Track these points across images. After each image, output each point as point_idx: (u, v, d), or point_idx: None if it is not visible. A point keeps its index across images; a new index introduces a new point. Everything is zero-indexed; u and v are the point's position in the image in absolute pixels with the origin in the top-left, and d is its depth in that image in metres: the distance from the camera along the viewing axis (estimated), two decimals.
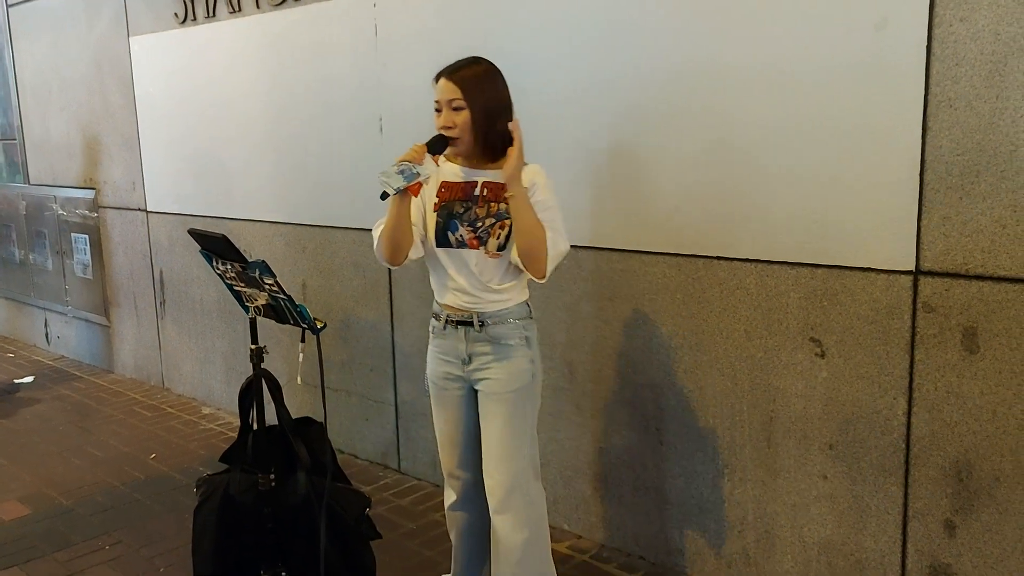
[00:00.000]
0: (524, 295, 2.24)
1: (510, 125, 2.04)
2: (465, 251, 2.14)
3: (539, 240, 2.06)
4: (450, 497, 2.38)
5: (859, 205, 2.22)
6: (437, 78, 2.14)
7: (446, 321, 2.20)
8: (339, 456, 3.80)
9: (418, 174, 2.01)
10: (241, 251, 2.18)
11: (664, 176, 2.59)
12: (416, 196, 2.08)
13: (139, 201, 4.83)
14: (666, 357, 2.68)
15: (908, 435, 2.22)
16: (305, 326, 2.19)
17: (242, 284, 2.24)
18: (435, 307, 2.27)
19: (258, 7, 3.82)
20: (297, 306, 2.14)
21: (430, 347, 2.30)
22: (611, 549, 2.92)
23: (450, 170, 2.19)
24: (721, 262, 2.51)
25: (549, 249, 2.08)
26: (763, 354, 2.46)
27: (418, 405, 3.51)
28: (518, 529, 2.18)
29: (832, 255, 2.29)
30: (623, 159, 2.67)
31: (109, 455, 3.98)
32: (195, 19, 4.18)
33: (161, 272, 4.81)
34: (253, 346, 2.28)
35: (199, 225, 4.42)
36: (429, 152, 2.06)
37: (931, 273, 2.13)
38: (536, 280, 2.16)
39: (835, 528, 2.39)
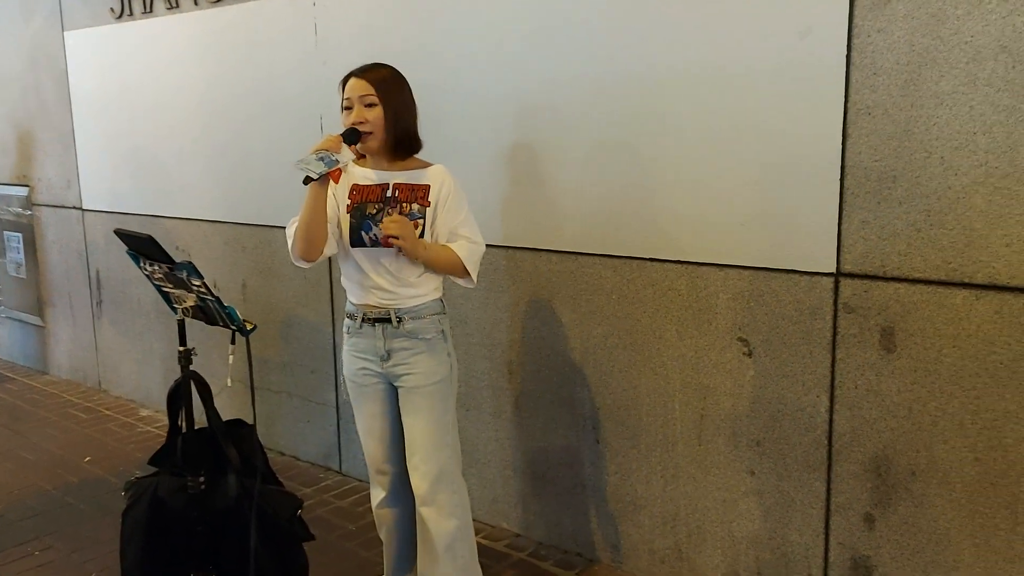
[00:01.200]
0: (439, 291, 2.30)
1: (386, 220, 2.11)
2: (380, 250, 2.18)
3: (457, 266, 2.19)
4: (378, 495, 2.40)
5: (783, 208, 2.29)
6: (346, 79, 2.21)
7: (362, 320, 2.23)
8: (281, 458, 3.80)
9: (337, 160, 2.05)
10: (168, 251, 2.16)
11: (596, 178, 2.62)
12: (336, 183, 2.14)
13: (74, 199, 4.72)
14: (602, 357, 2.72)
15: (830, 432, 2.30)
16: (234, 328, 2.18)
17: (170, 285, 2.22)
18: (349, 307, 2.29)
19: (196, 4, 3.77)
20: (226, 308, 2.13)
21: (345, 347, 2.32)
22: (548, 547, 2.95)
23: (360, 173, 2.24)
24: (654, 263, 2.56)
25: (466, 262, 2.19)
26: (694, 353, 2.52)
27: None
28: (446, 518, 2.23)
29: (758, 257, 2.35)
30: (556, 160, 2.71)
31: (41, 458, 3.89)
32: (132, 14, 4.10)
33: (98, 272, 4.71)
34: (181, 348, 2.26)
35: (136, 224, 4.36)
36: (344, 142, 2.11)
37: (851, 275, 2.20)
38: (466, 284, 2.26)
39: (762, 523, 2.46)
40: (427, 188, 2.19)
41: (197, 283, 2.11)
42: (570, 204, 2.71)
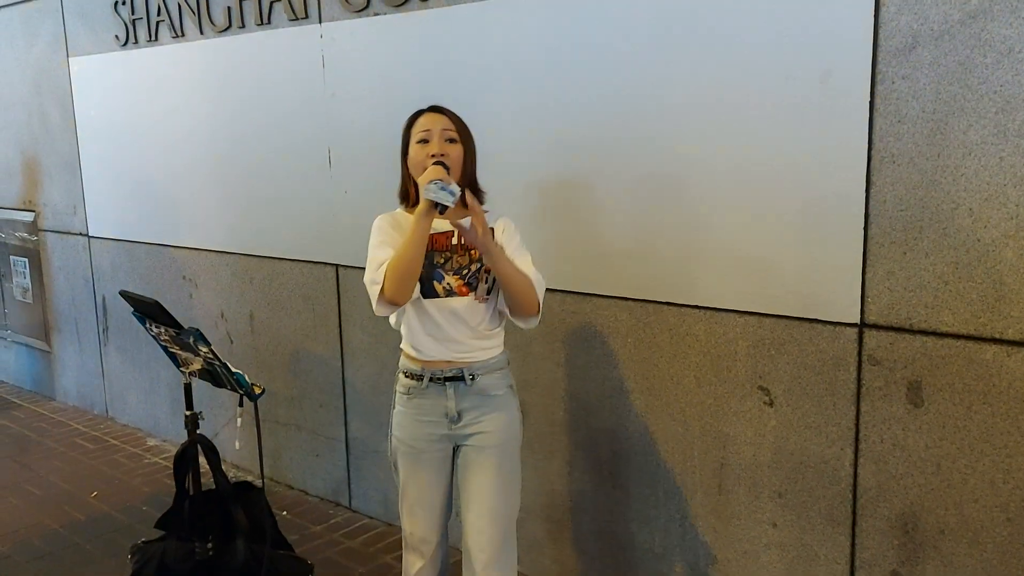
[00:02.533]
0: (503, 342, 2.22)
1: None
2: (455, 299, 2.07)
3: (527, 284, 2.06)
4: (415, 564, 2.22)
5: (806, 256, 2.22)
6: (419, 113, 2.13)
7: (429, 379, 2.10)
8: (289, 492, 3.75)
9: (454, 191, 1.92)
10: (175, 318, 2.10)
11: (614, 219, 2.57)
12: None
13: (80, 225, 4.69)
14: (619, 401, 2.66)
15: (855, 486, 2.23)
16: (242, 392, 2.12)
17: (177, 347, 2.17)
18: (410, 366, 2.14)
19: (201, 32, 3.72)
20: (234, 373, 2.08)
21: (402, 408, 2.17)
22: None
23: None
24: (671, 308, 2.50)
25: (536, 287, 2.08)
26: (713, 401, 2.46)
27: (370, 443, 3.44)
28: None
29: (779, 305, 2.29)
30: (573, 200, 2.65)
31: (48, 493, 3.84)
32: (136, 42, 4.06)
33: (104, 298, 4.67)
34: (188, 412, 2.21)
35: (142, 252, 4.32)
36: None
37: (876, 326, 2.14)
38: (529, 323, 2.14)
39: None
40: (491, 232, 2.08)
41: (204, 349, 2.06)
42: (584, 245, 2.65)
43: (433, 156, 2.04)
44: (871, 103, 2.07)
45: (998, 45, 1.89)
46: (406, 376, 2.16)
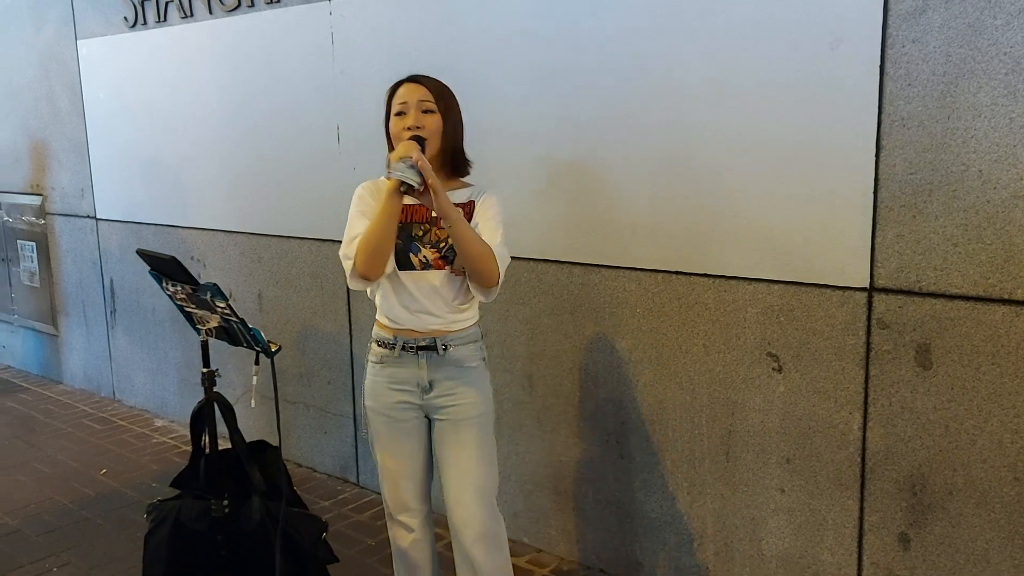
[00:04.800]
0: (478, 314, 2.20)
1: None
2: (431, 272, 2.06)
3: (485, 253, 1.99)
4: (406, 538, 2.21)
5: (814, 222, 2.24)
6: (397, 85, 2.10)
7: (402, 347, 2.10)
8: (298, 469, 3.77)
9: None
10: (192, 273, 2.12)
11: (622, 189, 2.58)
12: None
13: (88, 208, 4.70)
14: (626, 371, 2.68)
15: (863, 449, 2.25)
16: (259, 349, 2.14)
17: (193, 306, 2.18)
18: (382, 335, 2.13)
19: (211, 12, 3.74)
20: (251, 329, 2.09)
21: (373, 377, 2.16)
22: (571, 563, 2.91)
23: None
24: (679, 277, 2.52)
25: (499, 261, 2.02)
26: (721, 368, 2.47)
27: None
28: (496, 551, 2.13)
29: (788, 271, 2.30)
30: (582, 172, 2.67)
31: (57, 471, 3.86)
32: (145, 23, 4.08)
33: (111, 281, 4.69)
34: (205, 369, 2.22)
35: (151, 233, 4.34)
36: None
37: (885, 290, 2.16)
38: (487, 296, 2.08)
39: (793, 541, 2.41)
40: (471, 205, 2.08)
41: (221, 305, 2.07)
42: (593, 216, 2.67)
43: (409, 129, 2.02)
44: (881, 67, 2.08)
45: (1008, 6, 1.90)
46: (379, 345, 2.14)
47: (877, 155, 2.12)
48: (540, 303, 2.85)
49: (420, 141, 1.99)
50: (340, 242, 2.09)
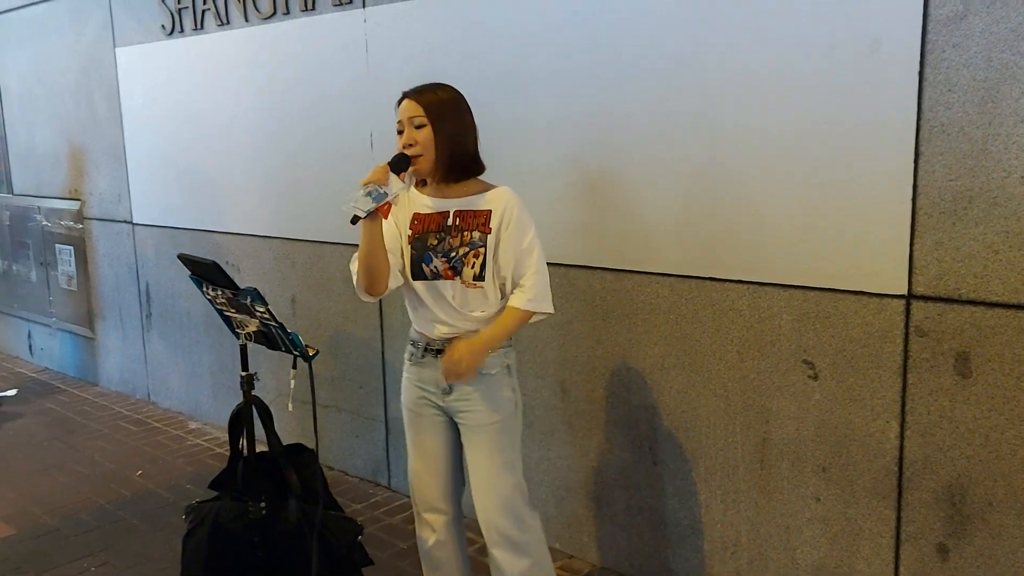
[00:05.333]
0: None
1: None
2: (440, 282, 2.10)
3: (523, 319, 2.12)
4: (430, 537, 2.26)
5: (851, 228, 2.22)
6: (399, 101, 2.13)
7: (425, 349, 2.17)
8: (330, 472, 3.80)
9: (386, 194, 1.97)
10: (232, 278, 2.15)
11: (656, 195, 2.58)
12: (386, 218, 2.06)
13: (125, 213, 4.79)
14: (659, 377, 2.67)
15: (901, 458, 2.22)
16: (297, 353, 2.17)
17: (232, 310, 2.22)
18: (413, 334, 2.23)
19: (247, 20, 3.80)
20: (289, 334, 2.12)
21: (406, 374, 2.25)
22: (604, 569, 2.91)
23: (420, 202, 2.16)
24: (713, 283, 2.51)
25: (530, 305, 2.10)
26: (756, 375, 2.46)
27: None
28: (519, 557, 2.15)
29: (824, 278, 2.29)
30: (615, 177, 2.67)
31: (94, 472, 3.93)
32: (182, 31, 4.14)
33: (147, 285, 4.76)
34: (244, 373, 2.26)
35: (186, 238, 4.40)
36: (392, 171, 2.02)
37: (924, 297, 2.13)
38: (547, 313, 2.17)
39: (828, 551, 2.39)
40: (488, 214, 2.10)
41: (261, 309, 2.10)
42: (625, 222, 2.67)
43: (404, 148, 2.07)
44: (920, 72, 2.06)
45: None
46: (410, 343, 2.24)
47: (916, 161, 2.10)
48: (572, 309, 2.86)
49: (403, 160, 2.04)
50: None
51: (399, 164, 2.04)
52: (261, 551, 2.27)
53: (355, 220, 1.97)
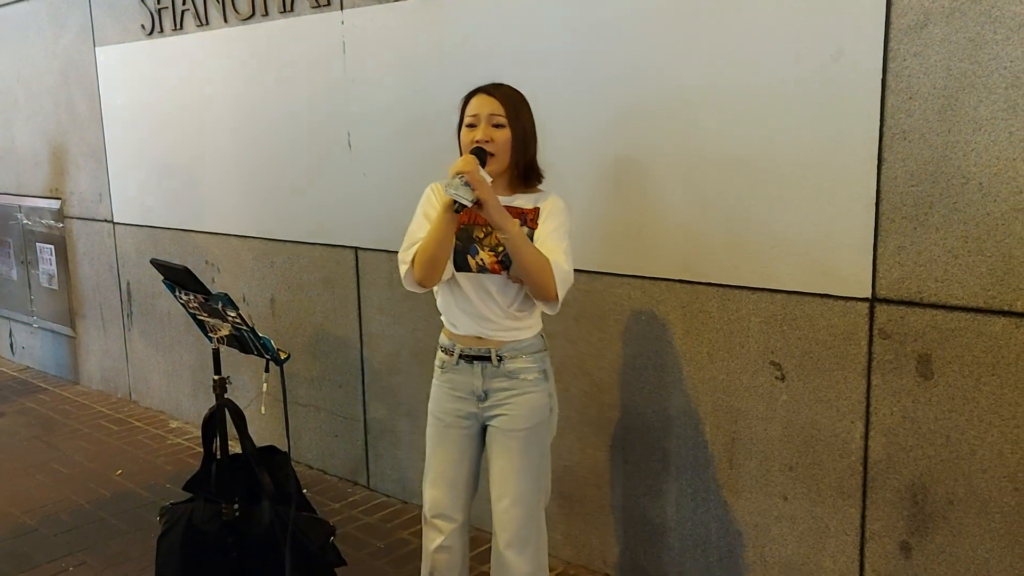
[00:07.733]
0: (539, 325, 2.20)
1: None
2: (486, 276, 2.07)
3: (539, 265, 2.00)
4: (436, 539, 2.22)
5: (817, 232, 2.26)
6: (470, 95, 2.11)
7: (459, 356, 2.13)
8: (308, 471, 3.82)
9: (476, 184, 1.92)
10: (204, 283, 2.17)
11: (626, 198, 2.61)
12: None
13: (105, 212, 4.78)
14: (631, 378, 2.71)
15: (865, 458, 2.27)
16: (268, 357, 2.19)
17: (205, 314, 2.24)
18: (444, 341, 2.18)
19: (226, 21, 3.80)
20: (260, 338, 2.14)
21: (436, 382, 2.21)
22: (576, 567, 2.94)
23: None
24: (684, 285, 2.54)
25: (556, 273, 2.01)
26: (725, 376, 2.50)
27: (387, 423, 3.51)
28: (529, 559, 2.14)
29: (791, 281, 2.33)
30: (583, 181, 2.70)
31: (74, 471, 3.93)
32: (162, 31, 4.14)
33: (128, 284, 4.76)
34: (216, 376, 2.28)
35: (166, 237, 4.41)
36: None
37: (887, 301, 2.18)
38: (547, 309, 2.11)
39: (796, 548, 2.43)
40: (536, 211, 2.08)
41: (232, 314, 2.12)
42: (596, 224, 2.70)
43: (477, 142, 2.04)
44: (883, 80, 2.10)
45: (1008, 21, 1.92)
46: (441, 351, 2.19)
47: (879, 167, 2.14)
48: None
49: (481, 154, 2.02)
50: (351, 248, 2.14)
51: (479, 156, 2.02)
52: (235, 552, 2.30)
53: (459, 209, 1.93)
